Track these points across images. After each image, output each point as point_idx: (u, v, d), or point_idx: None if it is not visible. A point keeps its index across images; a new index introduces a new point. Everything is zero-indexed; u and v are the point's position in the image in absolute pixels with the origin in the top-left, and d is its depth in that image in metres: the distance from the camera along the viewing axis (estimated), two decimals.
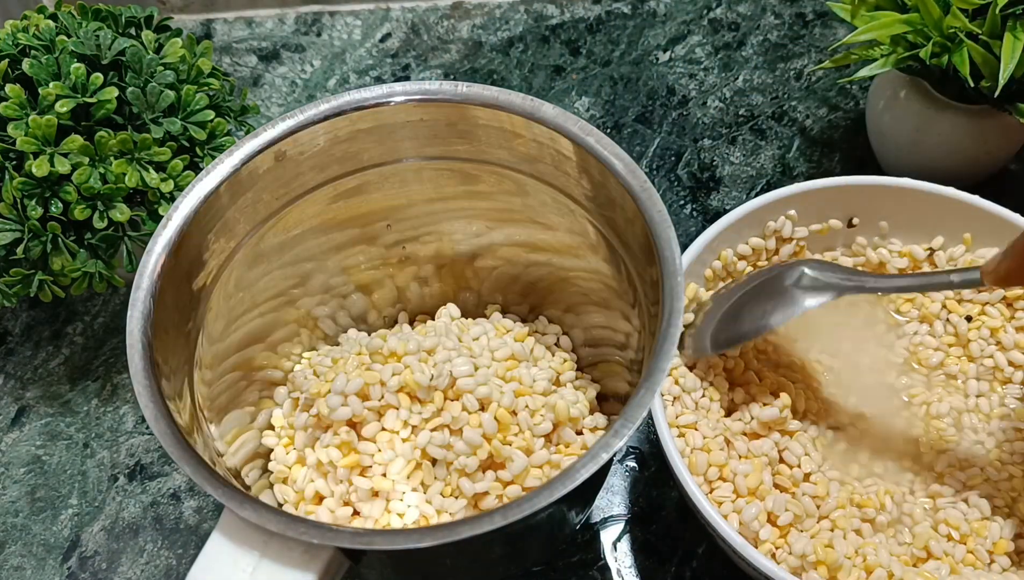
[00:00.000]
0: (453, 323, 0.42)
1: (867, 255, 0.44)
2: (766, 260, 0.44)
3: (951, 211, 0.43)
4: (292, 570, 0.29)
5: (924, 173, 0.45)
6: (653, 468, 0.45)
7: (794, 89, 0.59)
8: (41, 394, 0.49)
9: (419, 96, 0.37)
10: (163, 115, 0.44)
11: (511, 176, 0.39)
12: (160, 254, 0.34)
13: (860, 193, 0.43)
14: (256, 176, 0.37)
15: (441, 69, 0.62)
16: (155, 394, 0.31)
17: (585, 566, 0.42)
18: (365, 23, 0.65)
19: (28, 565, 0.44)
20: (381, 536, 0.29)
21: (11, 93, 0.41)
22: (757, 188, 0.55)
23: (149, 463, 0.46)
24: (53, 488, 0.46)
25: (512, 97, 0.37)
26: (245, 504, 0.29)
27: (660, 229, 0.33)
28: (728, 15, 0.63)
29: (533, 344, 0.42)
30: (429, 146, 0.39)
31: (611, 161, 0.35)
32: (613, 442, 0.29)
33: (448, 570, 0.36)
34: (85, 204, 0.42)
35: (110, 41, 0.43)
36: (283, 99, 0.61)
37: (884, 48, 0.46)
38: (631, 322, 0.37)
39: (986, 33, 0.42)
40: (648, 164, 0.56)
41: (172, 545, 0.44)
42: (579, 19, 0.64)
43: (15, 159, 0.41)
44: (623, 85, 0.60)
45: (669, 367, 0.30)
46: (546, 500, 0.28)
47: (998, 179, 0.51)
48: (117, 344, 0.50)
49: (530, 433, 0.37)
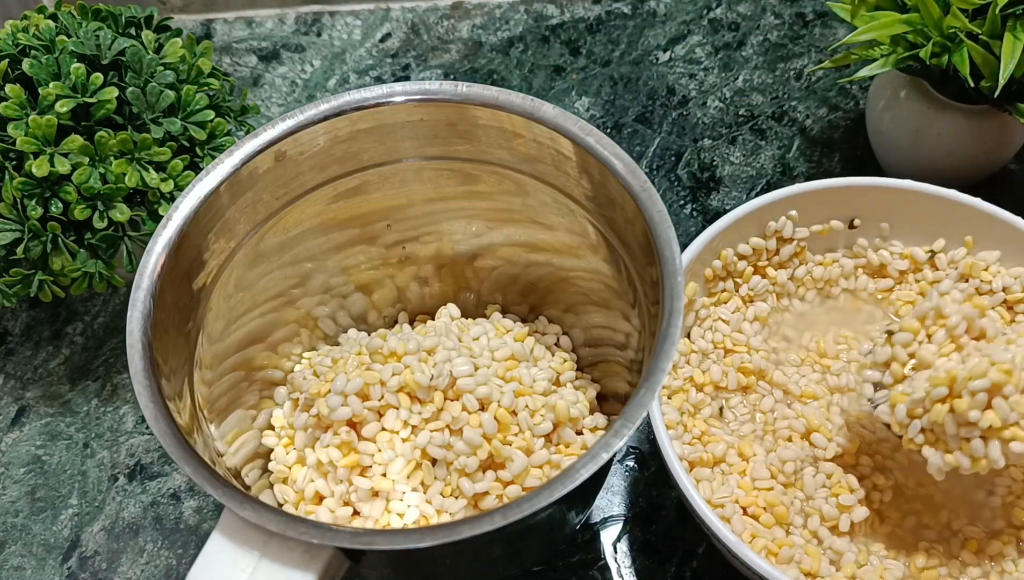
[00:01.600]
0: (453, 323, 0.42)
1: (868, 257, 0.44)
2: (766, 260, 0.44)
3: (953, 213, 0.42)
4: (292, 570, 0.29)
5: (924, 173, 0.45)
6: (653, 468, 0.45)
7: (794, 89, 0.59)
8: (41, 394, 0.49)
9: (419, 96, 0.37)
10: (163, 115, 0.44)
11: (511, 176, 0.39)
12: (160, 254, 0.34)
13: (861, 194, 0.43)
14: (256, 176, 0.37)
15: (441, 69, 0.62)
16: (155, 394, 0.31)
17: (585, 566, 0.42)
18: (365, 23, 0.65)
19: (28, 565, 0.44)
20: (381, 536, 0.29)
21: (11, 93, 0.41)
22: (757, 188, 0.55)
23: (149, 463, 0.46)
24: (53, 488, 0.46)
25: (512, 97, 0.37)
26: (245, 504, 0.29)
27: (660, 229, 0.33)
28: (728, 15, 0.63)
29: (533, 344, 0.42)
30: (429, 146, 0.39)
31: (611, 161, 0.35)
32: (613, 442, 0.29)
33: (448, 570, 0.36)
34: (85, 204, 0.42)
35: (110, 41, 0.43)
36: (283, 99, 0.61)
37: (884, 48, 0.46)
38: (631, 322, 0.37)
39: (986, 33, 0.42)
40: (648, 164, 0.56)
41: (172, 545, 0.44)
42: (579, 19, 0.64)
43: (15, 159, 0.41)
44: (623, 85, 0.60)
45: (669, 367, 0.30)
46: (546, 500, 0.28)
47: (998, 179, 0.51)
48: (117, 344, 0.50)
49: (530, 433, 0.37)
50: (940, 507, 0.39)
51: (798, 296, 0.45)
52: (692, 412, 0.41)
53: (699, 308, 0.43)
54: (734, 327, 0.43)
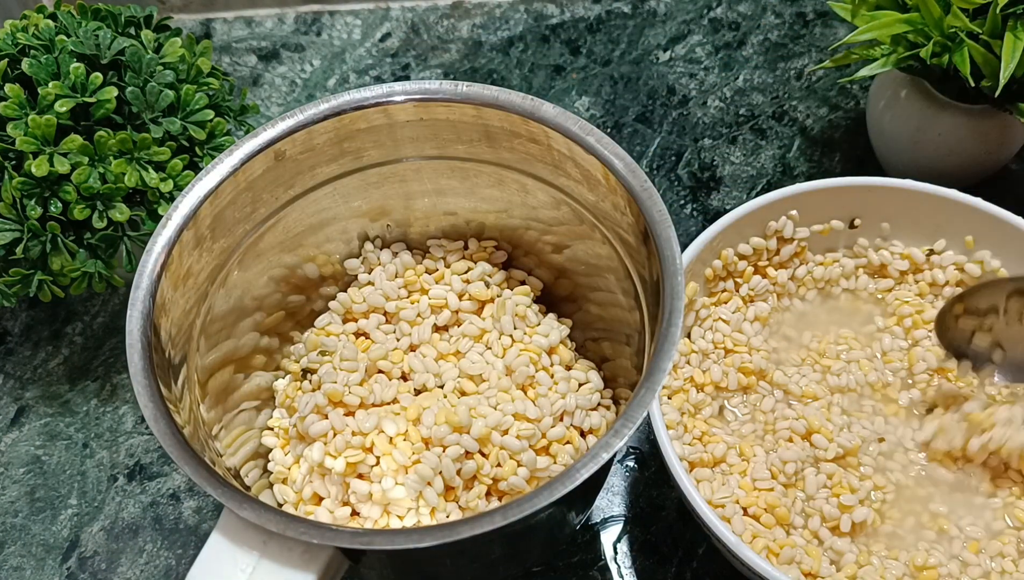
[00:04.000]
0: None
1: (868, 257, 0.44)
2: (767, 260, 0.44)
3: (954, 213, 0.42)
4: (292, 570, 0.29)
5: (924, 173, 0.45)
6: (653, 468, 0.45)
7: (794, 89, 0.59)
8: (40, 394, 0.49)
9: (419, 96, 0.37)
10: (163, 115, 0.43)
11: (511, 176, 0.39)
12: (160, 254, 0.34)
13: (862, 194, 0.43)
14: (256, 176, 0.37)
15: (441, 69, 0.62)
16: (155, 394, 0.31)
17: (585, 566, 0.42)
18: (365, 23, 0.65)
19: (27, 565, 0.44)
20: (381, 536, 0.29)
21: (10, 93, 0.41)
22: (757, 188, 0.54)
23: (149, 463, 0.46)
24: (52, 488, 0.46)
25: (512, 97, 0.37)
26: (245, 504, 0.29)
27: (660, 229, 0.33)
28: (728, 14, 0.63)
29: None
30: (429, 146, 0.39)
31: (611, 161, 0.35)
32: (613, 442, 0.29)
33: (448, 570, 0.36)
34: (84, 204, 0.42)
35: (109, 41, 0.43)
36: (283, 99, 0.61)
37: (885, 48, 0.46)
38: (631, 322, 0.37)
39: (987, 33, 0.42)
40: (648, 164, 0.56)
41: (172, 545, 0.44)
42: (579, 19, 0.64)
43: (14, 159, 0.41)
44: (623, 85, 0.60)
45: (669, 367, 0.30)
46: (546, 500, 0.28)
47: (998, 179, 0.51)
48: (117, 344, 0.50)
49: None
50: (940, 507, 0.39)
51: (798, 296, 0.45)
52: (692, 412, 0.41)
53: (699, 308, 0.43)
54: (734, 327, 0.43)
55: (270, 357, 0.41)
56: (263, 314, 0.40)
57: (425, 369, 0.39)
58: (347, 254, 0.42)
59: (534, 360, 0.38)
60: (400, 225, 0.42)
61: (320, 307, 0.43)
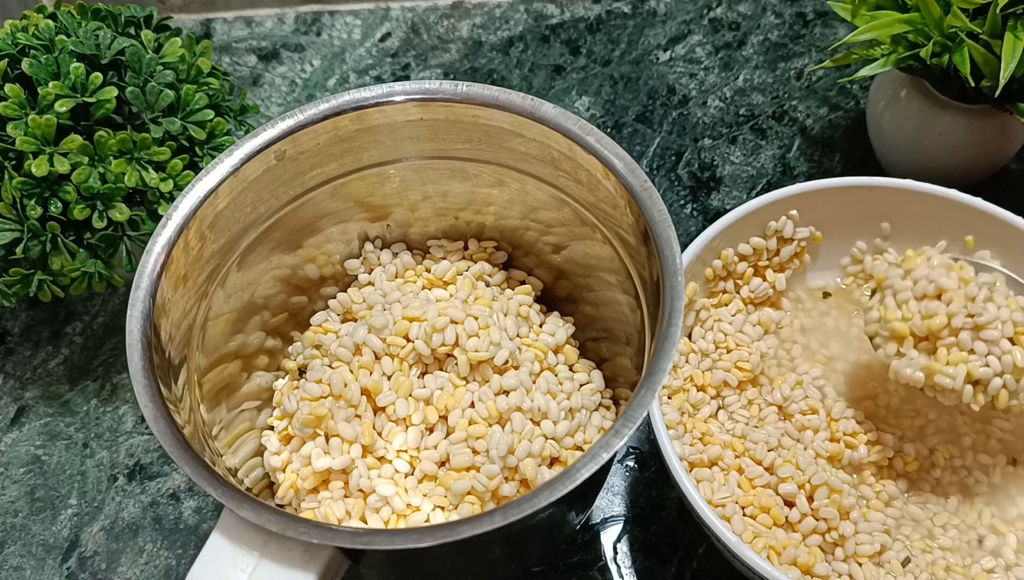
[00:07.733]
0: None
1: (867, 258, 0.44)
2: (767, 260, 0.44)
3: (953, 213, 0.42)
4: (292, 570, 0.29)
5: (924, 173, 0.45)
6: (653, 468, 0.45)
7: (794, 89, 0.59)
8: (40, 394, 0.49)
9: (419, 95, 0.37)
10: (163, 115, 0.43)
11: (511, 176, 0.39)
12: (160, 254, 0.34)
13: (862, 194, 0.43)
14: (256, 176, 0.37)
15: (441, 69, 0.62)
16: (155, 394, 0.31)
17: (585, 566, 0.42)
18: (365, 23, 0.65)
19: (27, 565, 0.44)
20: (381, 536, 0.29)
21: (10, 93, 0.41)
22: (757, 188, 0.54)
23: (149, 463, 0.46)
24: (52, 488, 0.46)
25: (512, 97, 0.37)
26: (245, 504, 0.29)
27: (660, 229, 0.33)
28: (728, 14, 0.63)
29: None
30: (429, 146, 0.39)
31: (611, 160, 0.35)
32: (613, 442, 0.29)
33: (448, 570, 0.36)
34: (84, 204, 0.42)
35: (109, 41, 0.43)
36: (283, 99, 0.61)
37: (884, 48, 0.46)
38: (631, 322, 0.37)
39: (987, 33, 0.42)
40: (648, 164, 0.56)
41: (172, 545, 0.44)
42: (579, 18, 0.64)
43: (15, 159, 0.41)
44: (623, 85, 0.60)
45: (669, 367, 0.30)
46: (546, 500, 0.28)
47: (998, 179, 0.51)
48: (117, 344, 0.50)
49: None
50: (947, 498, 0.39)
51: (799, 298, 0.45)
52: (692, 412, 0.41)
53: (699, 308, 0.43)
54: (735, 327, 0.43)
55: (271, 357, 0.41)
56: (264, 314, 0.40)
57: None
58: (347, 254, 0.43)
59: (540, 358, 0.38)
60: (400, 225, 0.43)
61: (321, 308, 0.43)
